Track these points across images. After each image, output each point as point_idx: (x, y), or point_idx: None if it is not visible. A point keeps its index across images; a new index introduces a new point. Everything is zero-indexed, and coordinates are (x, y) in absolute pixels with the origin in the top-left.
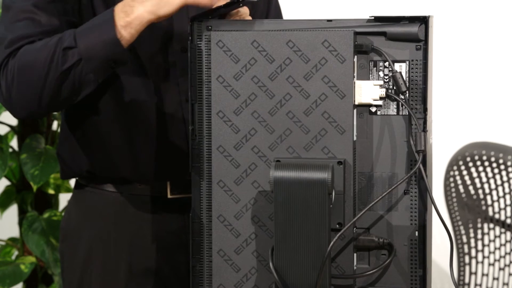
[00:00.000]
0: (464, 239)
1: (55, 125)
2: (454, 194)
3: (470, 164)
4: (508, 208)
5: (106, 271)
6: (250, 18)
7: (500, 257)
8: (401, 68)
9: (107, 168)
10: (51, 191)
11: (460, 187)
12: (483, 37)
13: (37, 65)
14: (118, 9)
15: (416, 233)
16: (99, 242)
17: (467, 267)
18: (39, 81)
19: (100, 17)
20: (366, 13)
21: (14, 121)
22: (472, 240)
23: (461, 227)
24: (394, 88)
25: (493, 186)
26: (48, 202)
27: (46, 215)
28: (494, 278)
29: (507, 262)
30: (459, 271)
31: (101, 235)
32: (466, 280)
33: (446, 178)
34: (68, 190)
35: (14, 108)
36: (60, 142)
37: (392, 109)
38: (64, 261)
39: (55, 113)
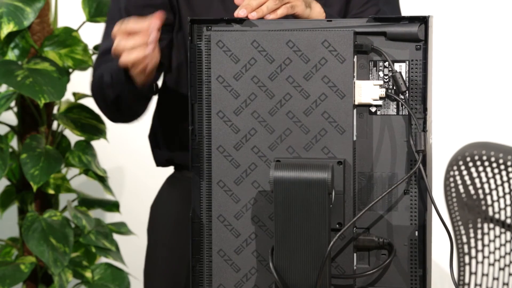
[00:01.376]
0: (464, 239)
1: (55, 125)
2: (454, 194)
3: (470, 164)
4: (508, 208)
5: (171, 262)
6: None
7: (500, 257)
8: (401, 68)
9: (182, 157)
10: (51, 191)
11: (460, 187)
12: (483, 37)
13: (95, 92)
14: None
15: (416, 233)
16: (171, 230)
17: (467, 267)
18: (100, 103)
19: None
20: None
21: (14, 121)
22: (472, 240)
23: (461, 227)
24: (394, 88)
25: (493, 186)
26: (48, 202)
27: (46, 215)
28: (494, 278)
29: (507, 262)
30: (459, 271)
31: (174, 223)
32: (466, 280)
33: (446, 178)
34: (68, 190)
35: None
36: (150, 128)
37: (392, 109)
38: (148, 242)
39: (55, 112)
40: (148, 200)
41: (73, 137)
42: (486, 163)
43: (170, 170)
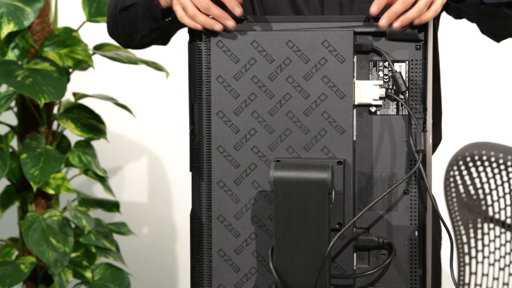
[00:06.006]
0: (464, 239)
1: (55, 125)
2: (454, 194)
3: (470, 164)
4: (508, 208)
5: None
6: None
7: (500, 257)
8: (401, 68)
9: None
10: (51, 191)
11: (460, 187)
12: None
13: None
14: None
15: (416, 233)
16: None
17: (467, 267)
18: (111, 13)
19: None
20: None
21: (14, 121)
22: (472, 240)
23: (461, 227)
24: (394, 88)
25: (493, 186)
26: (48, 202)
27: (46, 215)
28: (494, 278)
29: (507, 262)
30: (459, 271)
31: None
32: (466, 280)
33: (446, 178)
34: (68, 190)
35: (108, 31)
36: None
37: (391, 109)
38: None
39: (55, 112)
40: (148, 200)
41: (73, 137)
42: (486, 163)
43: (169, 171)
